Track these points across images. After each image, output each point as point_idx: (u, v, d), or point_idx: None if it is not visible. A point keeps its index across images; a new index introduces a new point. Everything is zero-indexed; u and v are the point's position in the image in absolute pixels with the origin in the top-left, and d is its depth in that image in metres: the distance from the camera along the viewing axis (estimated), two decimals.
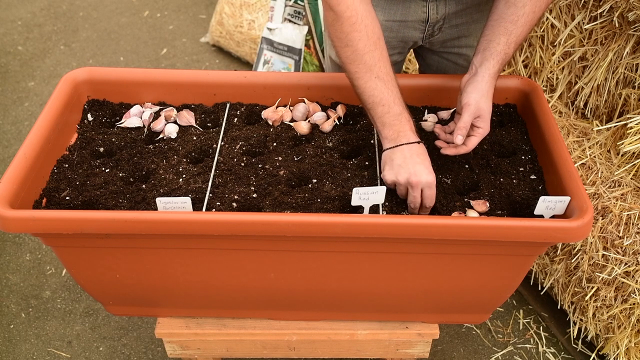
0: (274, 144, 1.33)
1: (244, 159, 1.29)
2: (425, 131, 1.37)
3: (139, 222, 1.07)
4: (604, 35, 1.74)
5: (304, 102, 1.41)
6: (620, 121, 1.73)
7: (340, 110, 1.40)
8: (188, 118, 1.37)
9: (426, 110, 1.42)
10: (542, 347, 1.91)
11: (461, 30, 1.46)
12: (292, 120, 1.40)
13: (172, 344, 1.41)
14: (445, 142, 1.25)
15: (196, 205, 1.17)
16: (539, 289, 1.96)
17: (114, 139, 1.33)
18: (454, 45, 1.50)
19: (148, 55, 3.29)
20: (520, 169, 1.27)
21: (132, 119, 1.37)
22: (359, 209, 1.16)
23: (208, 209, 1.16)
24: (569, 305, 1.83)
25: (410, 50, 1.60)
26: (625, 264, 1.59)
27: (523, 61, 2.01)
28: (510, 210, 1.20)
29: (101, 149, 1.32)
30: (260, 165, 1.27)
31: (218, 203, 1.18)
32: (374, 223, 1.08)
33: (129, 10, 3.67)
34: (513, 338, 1.94)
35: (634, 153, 1.65)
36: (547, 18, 1.85)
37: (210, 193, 1.20)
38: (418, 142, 1.18)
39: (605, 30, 1.73)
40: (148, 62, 3.24)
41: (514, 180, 1.25)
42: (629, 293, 1.60)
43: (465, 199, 1.21)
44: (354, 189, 1.10)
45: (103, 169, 1.27)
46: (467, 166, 1.29)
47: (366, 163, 1.28)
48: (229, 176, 1.24)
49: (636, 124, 1.58)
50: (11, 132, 2.75)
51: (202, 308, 1.37)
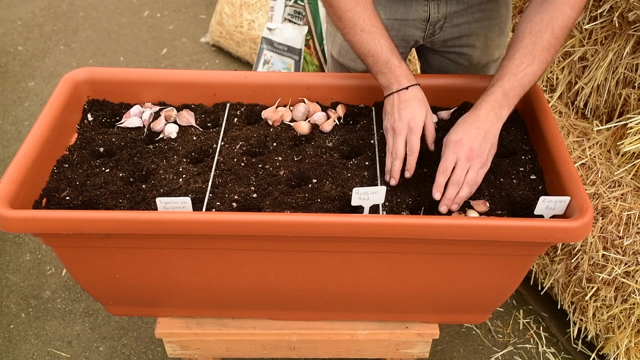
0: (274, 144, 1.33)
1: (244, 159, 1.29)
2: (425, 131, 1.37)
3: (139, 222, 1.07)
4: (604, 35, 1.74)
5: (304, 102, 1.41)
6: (620, 121, 1.73)
7: (340, 110, 1.40)
8: (188, 118, 1.37)
9: None
10: (542, 347, 1.91)
11: (462, 30, 1.46)
12: (292, 120, 1.40)
13: (172, 344, 1.41)
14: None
15: (196, 205, 1.17)
16: (539, 289, 1.96)
17: (114, 139, 1.33)
18: (455, 45, 1.50)
19: (148, 55, 3.29)
20: (520, 169, 1.27)
21: (132, 119, 1.37)
22: (359, 209, 1.16)
23: (208, 209, 1.16)
24: (569, 305, 1.83)
25: (412, 50, 1.60)
26: (625, 264, 1.59)
27: None
28: (510, 210, 1.20)
29: (101, 149, 1.32)
30: (260, 165, 1.27)
31: (218, 203, 1.18)
32: (374, 223, 1.08)
33: (129, 10, 3.67)
34: (513, 338, 1.94)
35: (634, 153, 1.65)
36: None
37: (210, 193, 1.20)
38: (407, 87, 1.19)
39: (605, 30, 1.73)
40: (148, 62, 3.24)
41: (514, 180, 1.25)
42: (629, 293, 1.60)
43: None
44: (354, 189, 1.10)
45: (103, 169, 1.27)
46: None
47: (366, 163, 1.28)
48: (229, 176, 1.24)
49: (636, 124, 1.58)
50: (11, 132, 2.75)
51: (202, 308, 1.37)
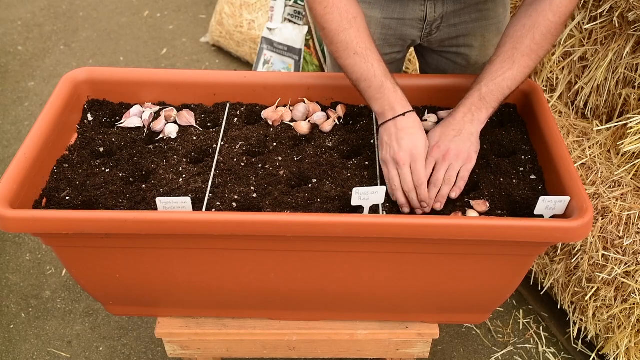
0: (274, 144, 1.33)
1: (244, 159, 1.29)
2: (425, 132, 1.37)
3: (139, 222, 1.07)
4: (604, 35, 1.74)
5: (304, 102, 1.41)
6: (620, 121, 1.73)
7: (340, 110, 1.40)
8: (188, 118, 1.37)
9: (426, 110, 1.42)
10: (542, 347, 1.91)
11: (459, 30, 1.46)
12: (292, 120, 1.40)
13: (172, 344, 1.41)
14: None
15: (196, 205, 1.17)
16: (539, 289, 1.96)
17: (114, 139, 1.33)
18: (453, 45, 1.50)
19: (148, 55, 3.29)
20: (520, 169, 1.27)
21: (132, 119, 1.37)
22: (359, 209, 1.16)
23: (208, 209, 1.16)
24: (569, 305, 1.83)
25: (411, 49, 1.60)
26: (625, 264, 1.59)
27: None
28: (510, 210, 1.20)
29: (101, 149, 1.32)
30: (260, 165, 1.27)
31: (218, 203, 1.18)
32: (374, 223, 1.08)
33: (129, 10, 3.67)
34: (513, 338, 1.94)
35: (634, 153, 1.65)
36: None
37: (210, 193, 1.20)
38: (403, 114, 1.18)
39: (605, 30, 1.73)
40: (148, 62, 3.24)
41: (514, 180, 1.25)
42: (629, 293, 1.60)
43: (465, 199, 1.21)
44: (354, 189, 1.10)
45: (103, 169, 1.27)
46: None
47: (366, 163, 1.28)
48: (229, 176, 1.24)
49: (636, 124, 1.58)
50: (11, 132, 2.75)
51: (202, 308, 1.37)
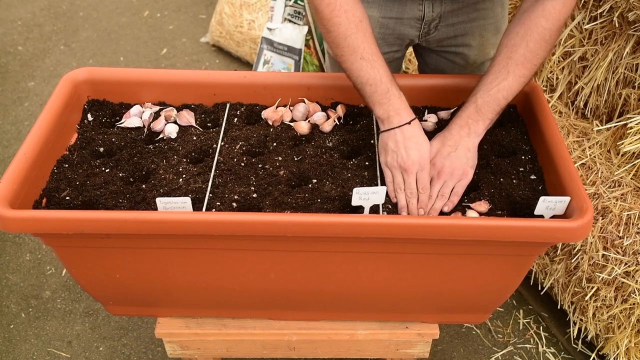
0: (274, 144, 1.33)
1: (244, 159, 1.29)
2: (425, 132, 1.37)
3: (139, 222, 1.07)
4: (604, 35, 1.74)
5: (304, 102, 1.41)
6: (620, 121, 1.73)
7: (340, 110, 1.40)
8: (188, 118, 1.37)
9: (426, 110, 1.42)
10: (542, 347, 1.91)
11: (458, 29, 1.46)
12: (292, 120, 1.40)
13: (172, 344, 1.41)
14: None
15: (196, 205, 1.17)
16: (539, 289, 1.96)
17: (114, 139, 1.33)
18: (451, 44, 1.50)
19: (148, 55, 3.29)
20: (520, 169, 1.27)
21: (132, 119, 1.37)
22: (359, 209, 1.16)
23: (208, 209, 1.16)
24: (569, 305, 1.83)
25: (410, 49, 1.60)
26: (625, 264, 1.59)
27: None
28: (510, 211, 1.20)
29: (101, 149, 1.32)
30: (260, 165, 1.27)
31: (218, 203, 1.18)
32: (374, 223, 1.08)
33: (129, 10, 3.67)
34: (513, 338, 1.94)
35: (634, 153, 1.65)
36: None
37: (210, 193, 1.20)
38: (409, 123, 1.18)
39: (605, 30, 1.73)
40: (148, 62, 3.24)
41: (514, 181, 1.25)
42: (629, 293, 1.60)
43: (465, 199, 1.21)
44: (354, 189, 1.10)
45: (103, 169, 1.27)
46: None
47: (366, 163, 1.28)
48: (229, 176, 1.24)
49: (636, 124, 1.58)
50: (11, 132, 2.75)
51: (202, 308, 1.37)
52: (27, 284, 2.09)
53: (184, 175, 1.24)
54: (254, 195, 1.20)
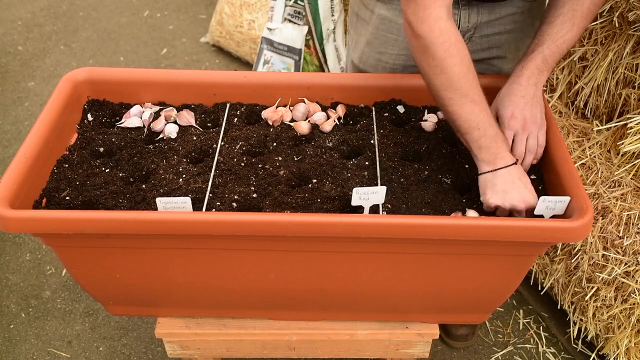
0: (274, 144, 1.33)
1: (244, 159, 1.29)
2: (425, 131, 1.37)
3: (139, 222, 1.07)
4: (604, 35, 1.74)
5: (304, 102, 1.41)
6: (620, 121, 1.73)
7: (340, 110, 1.40)
8: (188, 118, 1.37)
9: (426, 110, 1.42)
10: (542, 347, 1.91)
11: (492, 41, 1.43)
12: (292, 120, 1.40)
13: (172, 344, 1.41)
14: None
15: (196, 205, 1.17)
16: (539, 289, 1.96)
17: (114, 139, 1.33)
18: (485, 57, 1.46)
19: (148, 55, 3.29)
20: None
21: (132, 119, 1.37)
22: (359, 209, 1.16)
23: (208, 209, 1.16)
24: (569, 305, 1.83)
25: None
26: (625, 264, 1.59)
27: None
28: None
29: (101, 149, 1.32)
30: (260, 165, 1.27)
31: (218, 203, 1.18)
32: (374, 223, 1.08)
33: (129, 10, 3.67)
34: (513, 338, 1.94)
35: (634, 153, 1.65)
36: None
37: (210, 193, 1.20)
38: (515, 164, 1.17)
39: (605, 30, 1.73)
40: (148, 62, 3.24)
41: None
42: (629, 293, 1.60)
43: (466, 199, 1.22)
44: (354, 189, 1.10)
45: (103, 169, 1.27)
46: (467, 166, 1.29)
47: (366, 163, 1.28)
48: (229, 176, 1.24)
49: (636, 124, 1.58)
50: (11, 132, 2.75)
51: (202, 308, 1.37)
52: (27, 284, 2.09)
53: (184, 175, 1.24)
54: (254, 195, 1.20)
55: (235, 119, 1.39)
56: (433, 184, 1.24)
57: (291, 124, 1.38)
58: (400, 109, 1.41)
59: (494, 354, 1.90)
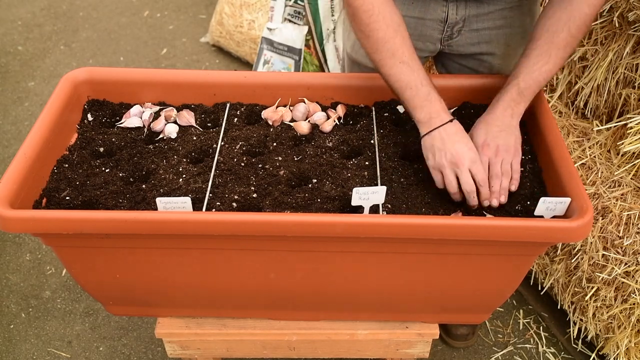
0: (274, 144, 1.33)
1: (244, 159, 1.29)
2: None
3: (139, 222, 1.07)
4: (604, 35, 1.74)
5: (304, 102, 1.41)
6: (620, 121, 1.73)
7: (340, 110, 1.40)
8: (188, 118, 1.37)
9: None
10: (542, 347, 1.91)
11: (482, 36, 1.44)
12: (292, 120, 1.40)
13: (172, 344, 1.41)
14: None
15: (196, 205, 1.17)
16: (539, 289, 1.96)
17: (114, 139, 1.33)
18: (475, 52, 1.47)
19: (148, 55, 3.29)
20: (520, 169, 1.27)
21: (132, 119, 1.37)
22: (359, 209, 1.16)
23: (208, 209, 1.16)
24: (569, 305, 1.83)
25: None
26: (625, 264, 1.59)
27: None
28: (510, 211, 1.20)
29: (101, 149, 1.32)
30: (260, 165, 1.27)
31: (218, 203, 1.18)
32: (374, 223, 1.08)
33: (129, 10, 3.67)
34: (513, 338, 1.95)
35: (634, 153, 1.65)
36: None
37: (210, 193, 1.20)
38: (451, 120, 1.19)
39: (605, 30, 1.73)
40: (148, 62, 3.24)
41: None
42: (629, 293, 1.60)
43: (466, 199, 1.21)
44: (354, 189, 1.10)
45: (103, 169, 1.27)
46: None
47: (366, 163, 1.28)
48: (229, 176, 1.24)
49: (636, 124, 1.58)
50: (11, 132, 2.75)
51: (202, 308, 1.37)
52: (27, 284, 2.09)
53: (184, 175, 1.24)
54: (254, 195, 1.20)
55: (235, 119, 1.39)
56: (433, 184, 1.24)
57: (291, 124, 1.38)
58: (400, 109, 1.41)
59: (494, 354, 1.90)
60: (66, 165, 1.27)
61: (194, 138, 1.34)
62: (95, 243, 1.14)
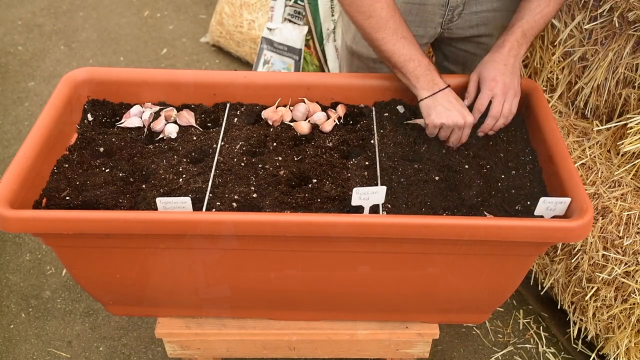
0: (274, 144, 1.33)
1: (244, 159, 1.29)
2: (425, 131, 1.37)
3: (139, 222, 1.07)
4: (604, 35, 1.74)
5: (304, 102, 1.41)
6: (620, 121, 1.73)
7: (340, 110, 1.40)
8: (188, 118, 1.37)
9: None
10: (542, 347, 1.91)
11: (480, 18, 1.49)
12: (292, 120, 1.40)
13: (172, 344, 1.41)
14: None
15: (196, 205, 1.17)
16: (539, 289, 1.96)
17: (114, 139, 1.33)
18: (473, 35, 1.52)
19: (148, 55, 3.29)
20: (520, 169, 1.27)
21: (132, 119, 1.37)
22: (359, 209, 1.16)
23: (208, 209, 1.16)
24: (569, 305, 1.83)
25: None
26: (625, 264, 1.58)
27: (523, 61, 2.00)
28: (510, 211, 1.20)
29: (101, 149, 1.32)
30: (260, 165, 1.27)
31: (218, 203, 1.18)
32: (374, 223, 1.08)
33: (129, 10, 3.67)
34: (513, 338, 1.94)
35: (634, 153, 1.65)
36: None
37: (210, 193, 1.20)
38: (448, 87, 1.30)
39: (605, 30, 1.73)
40: (148, 62, 3.24)
41: (514, 180, 1.25)
42: (629, 293, 1.60)
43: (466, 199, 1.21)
44: (354, 189, 1.10)
45: (103, 169, 1.27)
46: (467, 166, 1.29)
47: (366, 163, 1.28)
48: (229, 176, 1.24)
49: (636, 124, 1.58)
50: (11, 132, 2.75)
51: (202, 308, 1.37)
52: (27, 284, 2.09)
53: (184, 175, 1.24)
54: (254, 195, 1.20)
55: (235, 119, 1.39)
56: (433, 184, 1.24)
57: (291, 124, 1.38)
58: (400, 109, 1.41)
59: (494, 354, 1.90)
60: (66, 165, 1.27)
61: (194, 138, 1.34)
62: (95, 243, 1.14)
